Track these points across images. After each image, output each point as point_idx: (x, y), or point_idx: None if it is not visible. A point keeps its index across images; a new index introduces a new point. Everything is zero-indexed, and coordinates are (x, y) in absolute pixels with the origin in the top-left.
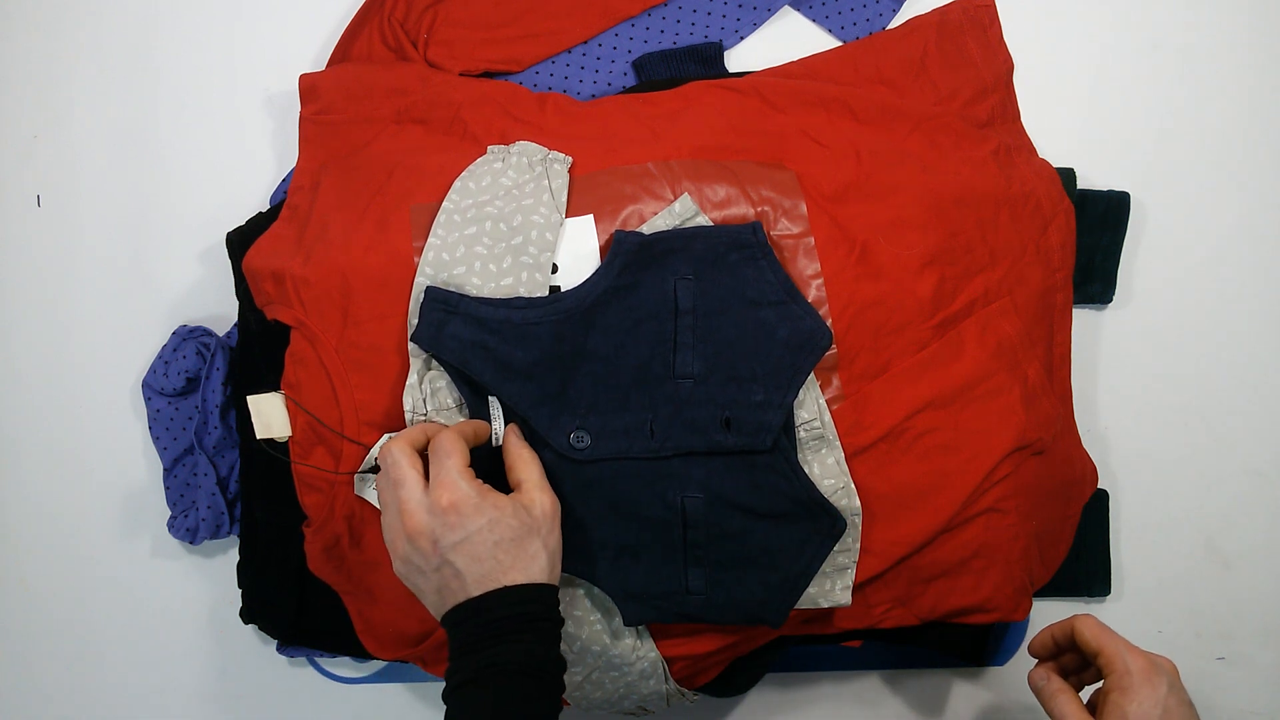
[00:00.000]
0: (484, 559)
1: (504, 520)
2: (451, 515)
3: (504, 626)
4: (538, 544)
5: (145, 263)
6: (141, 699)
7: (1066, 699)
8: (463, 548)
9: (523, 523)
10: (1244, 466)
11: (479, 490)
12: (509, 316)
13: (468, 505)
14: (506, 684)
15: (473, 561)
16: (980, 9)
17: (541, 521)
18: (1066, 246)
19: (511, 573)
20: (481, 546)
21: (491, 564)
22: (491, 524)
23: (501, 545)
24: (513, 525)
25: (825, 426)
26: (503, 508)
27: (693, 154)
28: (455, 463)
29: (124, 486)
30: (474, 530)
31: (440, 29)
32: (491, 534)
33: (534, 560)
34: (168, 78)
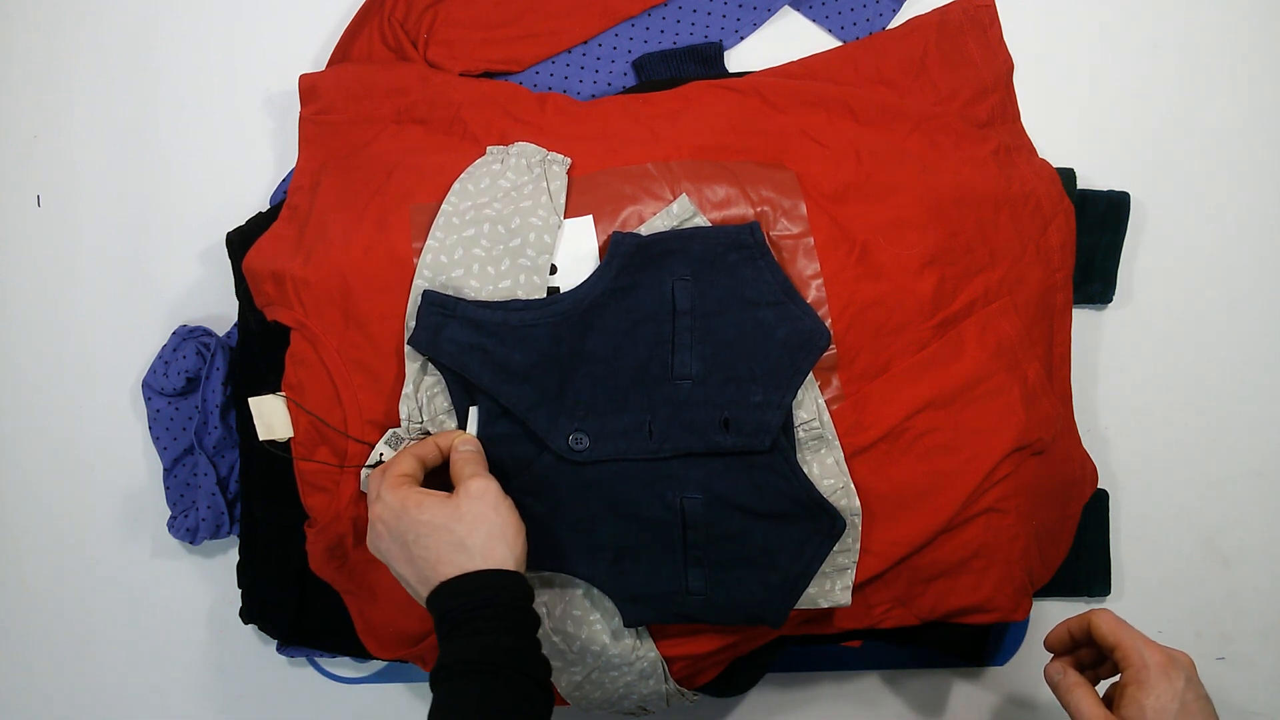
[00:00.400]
0: (413, 560)
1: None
2: (378, 525)
3: (445, 627)
4: (461, 530)
5: (145, 263)
6: (141, 699)
7: (1083, 692)
8: (395, 555)
9: (435, 514)
10: (1244, 466)
11: (400, 498)
12: (506, 319)
13: (388, 514)
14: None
15: (406, 565)
16: (980, 9)
17: (463, 506)
18: (1066, 246)
19: (441, 566)
20: (406, 549)
21: (420, 564)
22: (408, 524)
23: (420, 541)
24: (423, 520)
25: (824, 426)
26: (417, 505)
27: (692, 154)
28: (390, 476)
29: (124, 486)
30: (396, 537)
31: (440, 29)
32: (410, 532)
33: (459, 549)
34: (168, 78)
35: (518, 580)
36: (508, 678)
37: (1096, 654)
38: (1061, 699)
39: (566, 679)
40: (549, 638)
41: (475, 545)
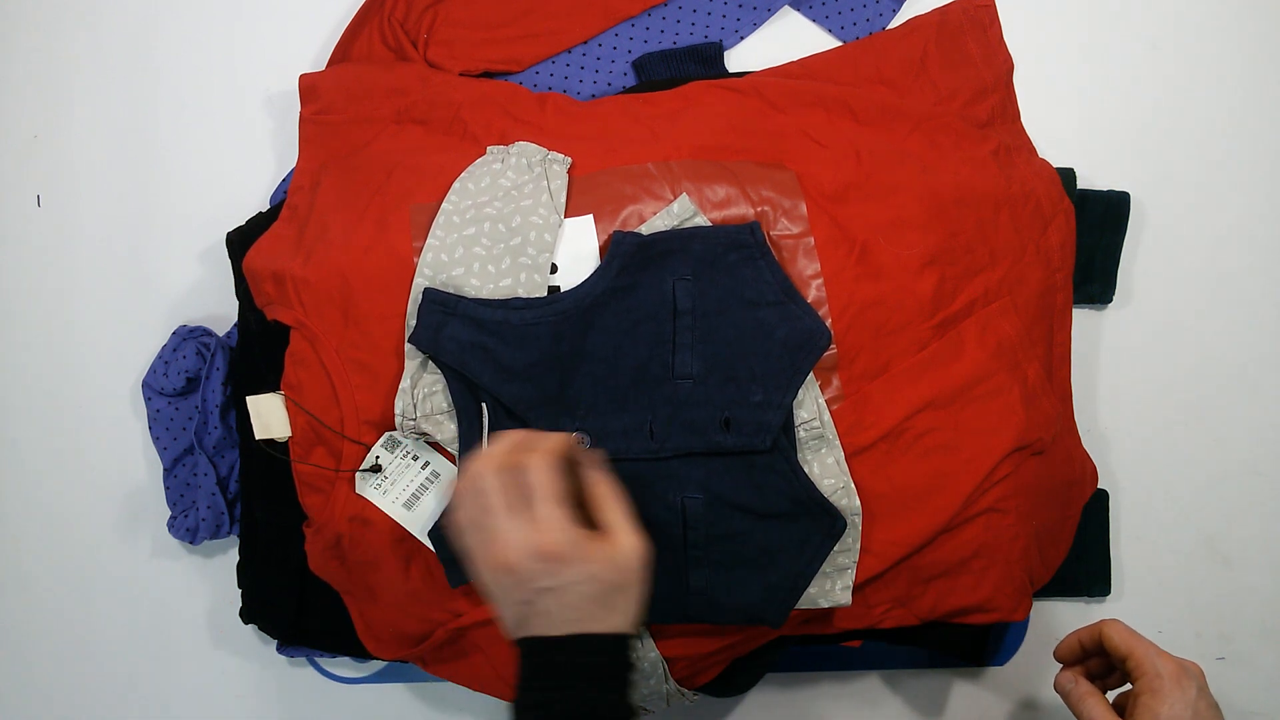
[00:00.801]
0: (574, 607)
1: (599, 575)
2: (551, 563)
3: (579, 674)
4: (627, 596)
5: (145, 263)
6: (141, 699)
7: (1095, 701)
8: (554, 595)
9: (616, 576)
10: (1244, 466)
11: (578, 539)
12: (507, 318)
13: (569, 555)
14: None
15: (562, 608)
16: (980, 9)
17: (631, 572)
18: (1066, 246)
19: (595, 624)
20: (573, 596)
21: (580, 613)
22: (588, 578)
23: (593, 598)
24: (607, 580)
25: (825, 426)
26: (599, 561)
27: (692, 154)
28: (553, 504)
29: (124, 486)
30: (569, 581)
31: (440, 29)
32: (585, 587)
33: (620, 613)
34: (168, 78)
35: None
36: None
37: (1105, 664)
38: (1074, 708)
39: None
40: None
41: (628, 612)
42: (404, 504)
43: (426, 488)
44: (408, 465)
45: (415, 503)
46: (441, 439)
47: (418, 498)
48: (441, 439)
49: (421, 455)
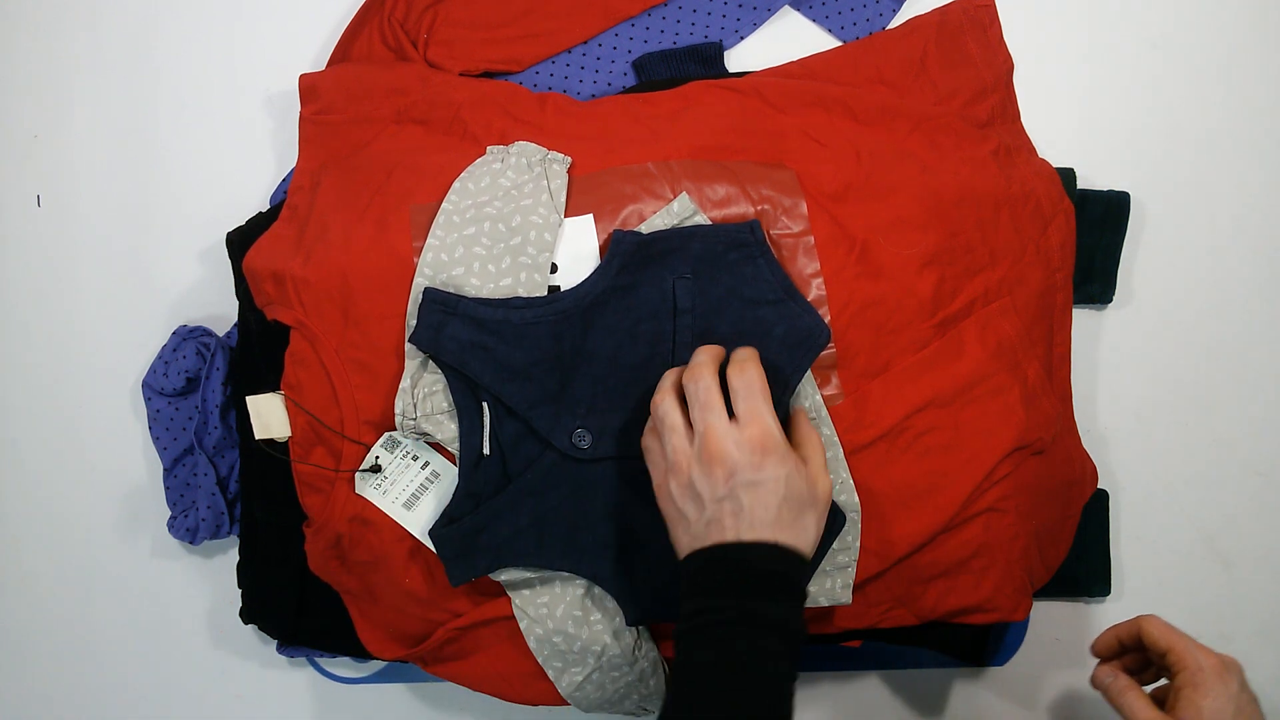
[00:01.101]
0: (769, 508)
1: (797, 480)
2: (758, 455)
3: (769, 582)
4: (813, 517)
5: (145, 263)
6: (141, 699)
7: (1135, 695)
8: (755, 489)
9: (810, 491)
10: (1244, 466)
11: (784, 439)
12: (508, 317)
13: (777, 450)
14: (760, 636)
15: (758, 506)
16: (980, 9)
17: (822, 496)
18: (1066, 246)
19: (785, 533)
20: (772, 495)
21: (773, 514)
22: (789, 477)
23: (788, 502)
24: (803, 489)
25: (824, 423)
26: (800, 468)
27: (692, 154)
28: (768, 404)
29: (124, 486)
30: (771, 477)
31: (440, 29)
32: (784, 487)
33: (805, 530)
34: (168, 78)
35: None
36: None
37: (1139, 660)
38: (1113, 702)
39: (567, 679)
40: (550, 638)
41: (811, 535)
42: (404, 504)
43: (426, 488)
44: (407, 465)
45: (415, 503)
46: (442, 439)
47: (418, 498)
48: (442, 439)
49: (421, 455)
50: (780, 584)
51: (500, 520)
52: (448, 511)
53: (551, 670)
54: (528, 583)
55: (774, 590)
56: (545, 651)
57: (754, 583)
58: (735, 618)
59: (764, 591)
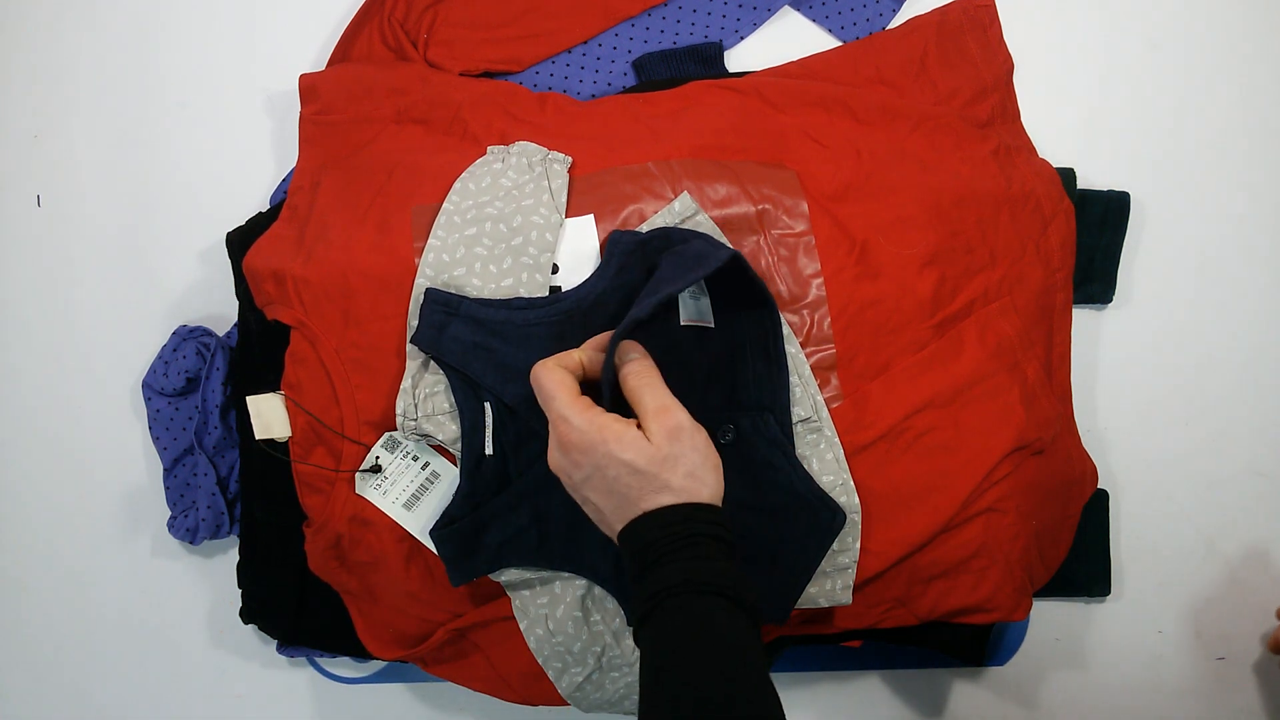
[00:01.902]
0: (613, 492)
1: (615, 455)
2: (573, 453)
3: (650, 554)
4: (665, 473)
5: (145, 262)
6: (141, 699)
7: None
8: (591, 483)
9: (637, 455)
10: (1244, 466)
11: (590, 423)
12: (510, 317)
13: (583, 442)
14: (665, 612)
15: (604, 495)
16: (980, 9)
17: (662, 448)
18: (1066, 246)
19: (642, 502)
20: (604, 481)
21: (619, 498)
22: (605, 459)
23: (621, 479)
24: (625, 460)
25: (823, 423)
26: (614, 440)
27: (693, 154)
28: (562, 400)
29: (124, 486)
30: (598, 465)
31: (440, 29)
32: (609, 469)
33: (663, 489)
34: (168, 78)
35: (719, 514)
36: (735, 600)
37: None
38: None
39: (567, 680)
40: (550, 639)
41: (677, 485)
42: (404, 504)
43: (426, 488)
44: (407, 466)
45: (415, 503)
46: (443, 439)
47: (418, 498)
48: (443, 439)
49: (421, 456)
50: (664, 549)
51: (501, 520)
52: (448, 512)
53: (551, 671)
54: (528, 583)
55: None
56: (545, 652)
57: (644, 563)
58: (643, 614)
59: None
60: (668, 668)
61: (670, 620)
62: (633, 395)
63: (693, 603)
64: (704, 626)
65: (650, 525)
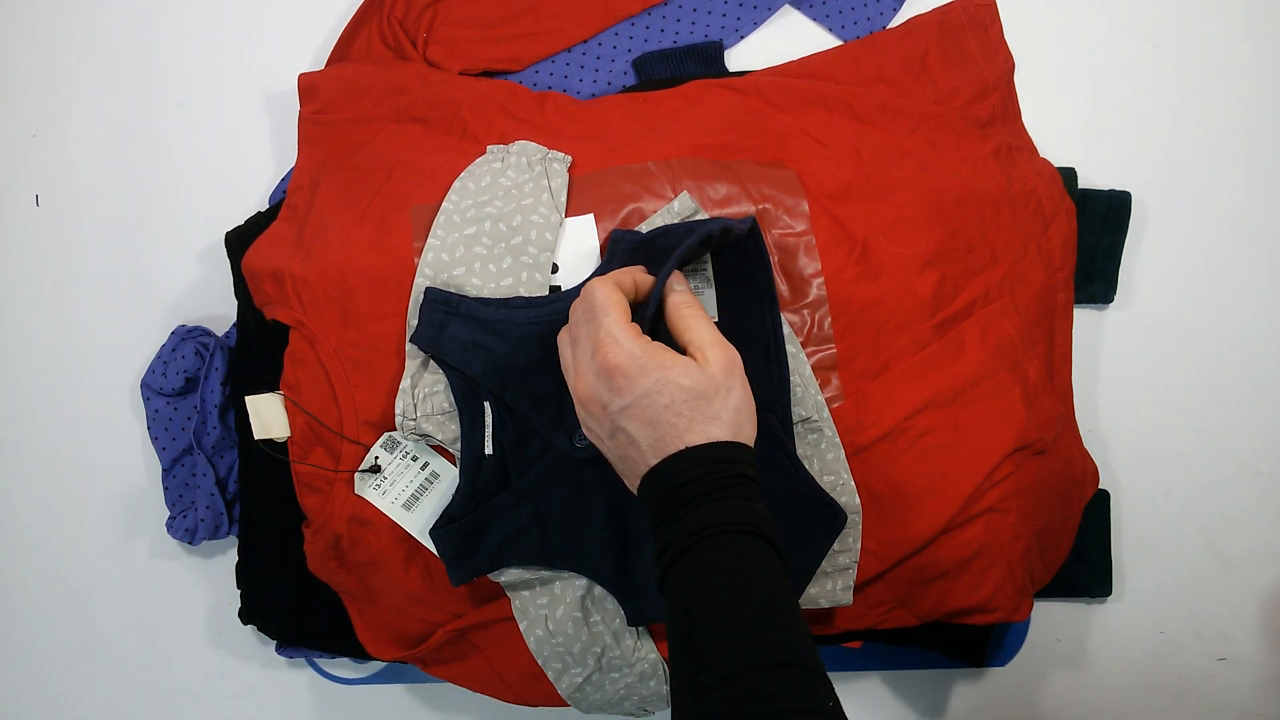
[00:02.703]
0: (657, 423)
1: (673, 380)
2: (617, 378)
3: (691, 491)
4: (716, 402)
5: (144, 262)
6: (141, 699)
7: None
8: (632, 412)
9: (695, 381)
10: (1244, 466)
11: (644, 348)
12: (510, 317)
13: (633, 366)
14: (711, 550)
15: (645, 426)
16: (981, 8)
17: (717, 377)
18: (1068, 246)
19: (688, 434)
20: (651, 410)
21: (665, 428)
22: (659, 384)
23: (672, 407)
24: (684, 385)
25: (824, 423)
26: (671, 366)
27: (693, 153)
28: (614, 319)
29: (123, 486)
30: (641, 393)
31: (440, 28)
32: (660, 396)
33: (713, 419)
34: (167, 77)
35: (755, 458)
36: (772, 543)
37: None
38: None
39: (567, 680)
40: (550, 639)
41: (726, 418)
42: (403, 505)
43: (426, 489)
44: (407, 466)
45: (414, 503)
46: (442, 439)
47: (417, 498)
48: (442, 439)
49: (421, 456)
50: (709, 485)
51: (501, 519)
52: (448, 511)
53: (551, 671)
54: (528, 584)
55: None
56: (545, 652)
57: (681, 500)
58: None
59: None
60: (713, 607)
61: (718, 559)
62: (684, 323)
63: (742, 542)
64: (758, 568)
65: (696, 459)
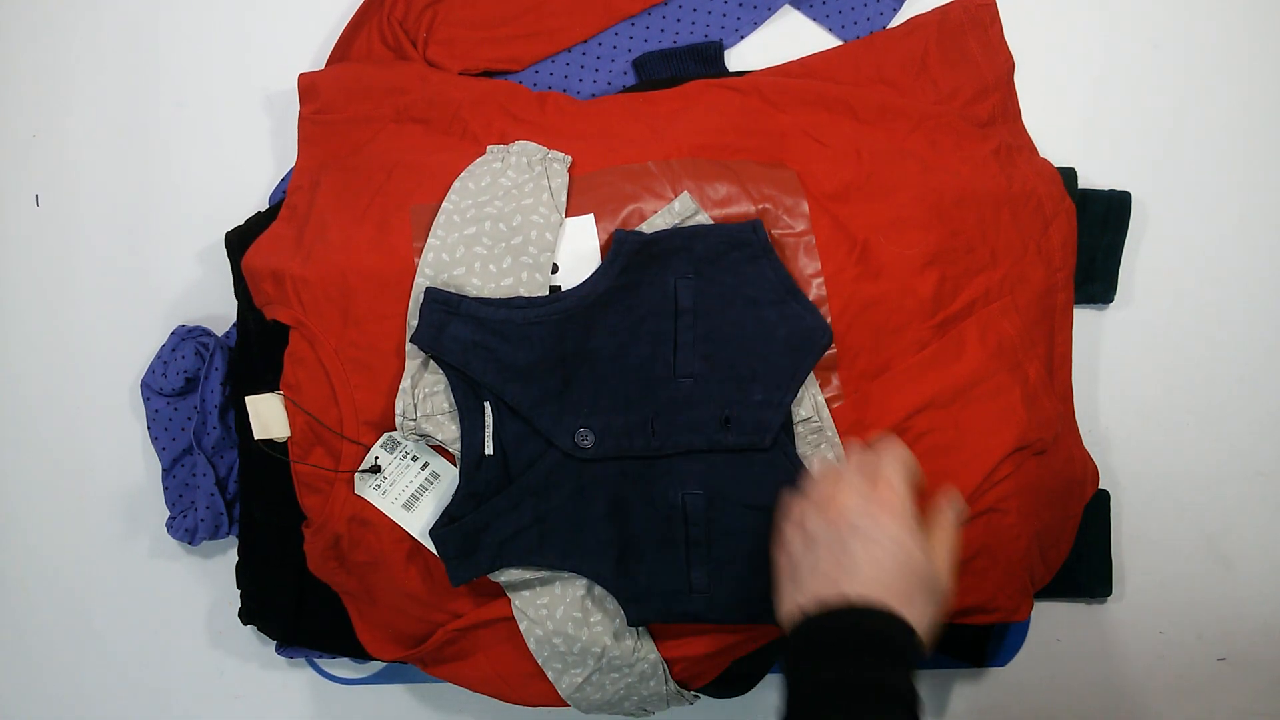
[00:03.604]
0: (879, 565)
1: (917, 553)
2: (874, 507)
3: (886, 647)
4: (927, 599)
5: (144, 262)
6: (141, 699)
7: None
8: (864, 541)
9: (925, 567)
10: (1244, 466)
11: (909, 511)
12: (510, 317)
13: (900, 515)
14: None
15: (868, 563)
16: (981, 8)
17: (939, 579)
18: (1068, 246)
19: (896, 600)
20: (880, 553)
21: (881, 578)
22: (906, 544)
23: (903, 570)
24: (922, 564)
25: (824, 422)
26: (917, 543)
27: (693, 153)
28: (903, 483)
29: (123, 486)
30: (883, 534)
31: (440, 28)
32: (896, 550)
33: (918, 610)
34: (167, 77)
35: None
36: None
37: None
38: None
39: (567, 681)
40: (550, 640)
41: (917, 602)
42: (403, 505)
43: (426, 489)
44: (407, 466)
45: (415, 503)
46: (443, 439)
47: (417, 498)
48: (443, 439)
49: (421, 456)
50: (897, 652)
51: (502, 519)
52: (448, 511)
53: (551, 671)
54: (528, 584)
55: (892, 658)
56: (545, 653)
57: (871, 650)
58: (855, 690)
59: (882, 660)
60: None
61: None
62: (939, 524)
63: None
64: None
65: (892, 621)
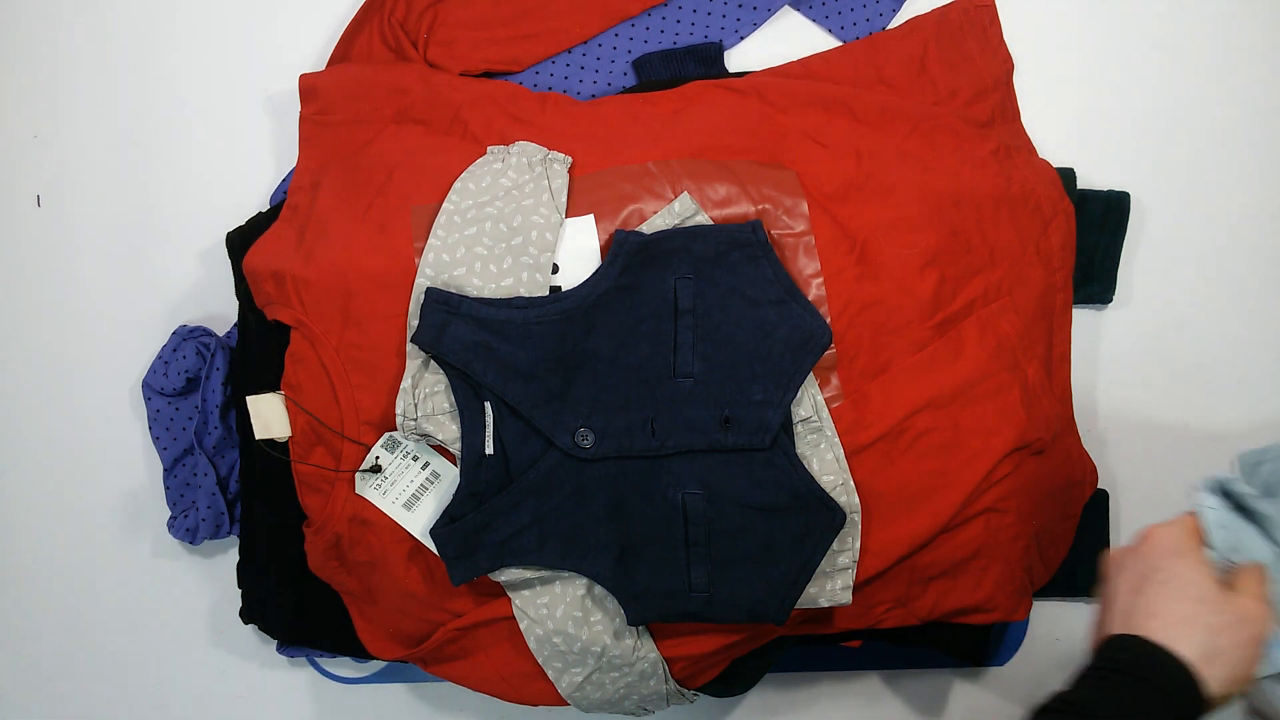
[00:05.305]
0: (1176, 606)
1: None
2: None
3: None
4: (1228, 656)
5: (145, 263)
6: (141, 699)
7: None
8: (1160, 584)
9: (1226, 618)
10: None
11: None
12: (510, 317)
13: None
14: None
15: (1165, 604)
16: (980, 9)
17: (1246, 629)
18: (1066, 246)
19: (1188, 651)
20: (1177, 595)
21: (1179, 623)
22: (1198, 592)
23: (1194, 620)
24: (1215, 613)
25: (824, 422)
26: (1217, 593)
27: (693, 154)
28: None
29: (124, 486)
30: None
31: (440, 29)
32: (1192, 595)
33: (1216, 667)
34: (168, 78)
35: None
36: None
37: None
38: None
39: (568, 680)
40: (550, 639)
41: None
42: (404, 504)
43: (427, 488)
44: (407, 466)
45: (415, 503)
46: (443, 439)
47: (418, 498)
48: (443, 439)
49: (421, 456)
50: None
51: (502, 519)
52: (449, 511)
53: (551, 670)
54: (528, 583)
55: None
56: (545, 652)
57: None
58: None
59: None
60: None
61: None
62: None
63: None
64: None
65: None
